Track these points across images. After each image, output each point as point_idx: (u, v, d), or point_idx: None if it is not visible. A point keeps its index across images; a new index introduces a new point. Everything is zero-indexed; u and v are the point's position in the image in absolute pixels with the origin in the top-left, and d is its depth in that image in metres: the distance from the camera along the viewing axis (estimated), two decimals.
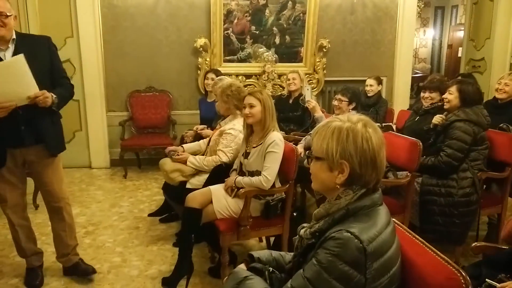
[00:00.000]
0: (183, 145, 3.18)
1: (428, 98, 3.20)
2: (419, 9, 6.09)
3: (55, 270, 2.66)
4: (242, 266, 1.44)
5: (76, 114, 4.87)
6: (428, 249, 1.25)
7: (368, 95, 4.34)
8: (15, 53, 2.21)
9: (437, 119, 2.90)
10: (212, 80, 3.99)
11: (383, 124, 3.70)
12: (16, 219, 2.43)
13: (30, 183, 2.65)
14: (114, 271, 2.66)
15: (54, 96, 2.26)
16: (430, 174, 2.74)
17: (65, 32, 4.68)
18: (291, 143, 2.69)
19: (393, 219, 1.28)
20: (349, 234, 1.08)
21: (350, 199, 1.18)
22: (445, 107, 2.86)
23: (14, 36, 2.25)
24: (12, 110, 2.13)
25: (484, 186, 2.82)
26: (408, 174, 2.66)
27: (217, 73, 4.13)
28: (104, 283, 2.53)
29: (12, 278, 2.57)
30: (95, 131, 4.91)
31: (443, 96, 2.87)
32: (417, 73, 9.16)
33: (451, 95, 2.79)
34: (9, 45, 2.23)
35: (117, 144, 4.76)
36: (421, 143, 2.61)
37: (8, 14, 2.16)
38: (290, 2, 4.98)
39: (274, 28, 5.04)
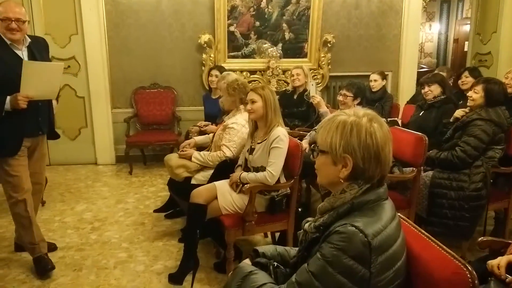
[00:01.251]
0: (195, 138, 3.20)
1: (428, 92, 3.20)
2: (424, 3, 6.02)
3: (61, 265, 2.69)
4: (247, 261, 1.44)
5: (81, 111, 4.90)
6: (434, 244, 1.24)
7: (373, 90, 4.32)
8: (29, 53, 2.50)
9: (459, 112, 2.89)
10: (216, 77, 3.99)
11: (389, 119, 3.68)
12: (30, 204, 2.57)
13: None
14: (120, 267, 2.68)
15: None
16: (442, 168, 2.73)
17: (70, 29, 4.70)
18: (296, 139, 2.68)
19: (398, 213, 1.28)
20: (354, 228, 1.08)
21: (355, 193, 1.18)
22: (468, 104, 2.84)
23: (29, 39, 2.52)
24: (34, 102, 2.41)
25: (491, 180, 2.81)
26: (414, 169, 2.65)
27: (221, 69, 4.12)
28: (110, 278, 2.55)
29: (19, 274, 2.59)
30: (100, 127, 4.93)
31: (468, 94, 2.85)
32: (422, 67, 9.08)
33: (477, 94, 2.77)
34: (24, 47, 2.50)
35: (122, 140, 4.78)
36: (426, 138, 2.59)
37: (24, 20, 2.41)
38: None
39: (278, 24, 5.02)
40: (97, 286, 2.47)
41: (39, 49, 2.58)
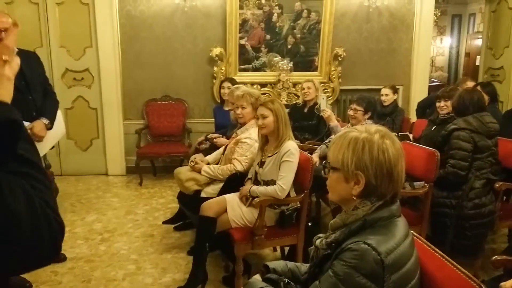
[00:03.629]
0: (208, 157, 3.16)
1: (443, 106, 3.18)
2: (435, 18, 6.04)
3: (70, 276, 2.69)
4: (257, 277, 1.43)
5: (93, 122, 4.96)
6: (447, 263, 1.22)
7: (384, 104, 4.30)
8: None
9: None
10: (228, 88, 4.02)
11: (400, 133, 3.65)
12: None
13: None
14: (129, 279, 2.68)
15: (47, 122, 2.60)
16: (441, 186, 2.70)
17: (85, 42, 4.79)
18: (306, 152, 2.68)
19: (411, 231, 1.26)
20: (366, 245, 1.07)
21: (368, 210, 1.17)
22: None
23: (16, 49, 2.38)
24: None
25: (504, 197, 2.76)
26: (425, 184, 2.62)
27: (233, 81, 4.15)
28: None
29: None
30: (112, 138, 4.98)
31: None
32: (434, 81, 9.04)
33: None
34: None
35: (133, 152, 4.81)
36: (438, 153, 2.57)
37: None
38: (305, 11, 4.99)
39: (289, 37, 5.06)
40: None
41: (28, 62, 2.56)
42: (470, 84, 3.81)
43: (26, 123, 2.44)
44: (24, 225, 0.67)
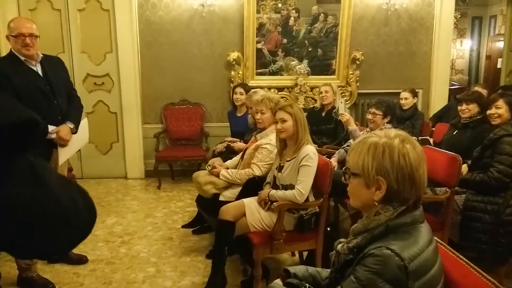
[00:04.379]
0: (227, 162, 3.18)
1: (465, 110, 3.11)
2: (455, 20, 5.94)
3: (91, 278, 2.74)
4: (278, 281, 1.43)
5: (113, 126, 5.04)
6: (472, 270, 1.20)
7: (403, 108, 4.25)
8: (42, 69, 2.57)
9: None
10: (241, 94, 4.03)
11: (420, 137, 3.60)
12: None
13: None
14: (149, 281, 2.71)
15: (73, 126, 2.65)
16: (477, 191, 2.64)
17: (105, 47, 4.88)
18: (324, 156, 2.67)
19: (435, 237, 1.24)
20: (390, 251, 1.06)
21: (390, 216, 1.16)
22: (494, 123, 2.76)
23: (41, 55, 2.58)
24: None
25: None
26: (448, 190, 2.57)
27: (245, 87, 4.15)
28: None
29: None
30: (131, 142, 5.05)
31: (490, 112, 2.77)
32: (454, 84, 8.89)
33: (500, 109, 2.70)
34: (37, 62, 2.56)
35: (152, 155, 4.87)
36: (460, 158, 2.52)
37: (36, 35, 2.49)
38: (322, 15, 4.98)
39: (306, 41, 5.06)
40: None
41: (51, 67, 2.64)
42: (480, 90, 3.72)
43: (51, 127, 2.50)
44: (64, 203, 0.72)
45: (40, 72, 2.55)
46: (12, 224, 0.67)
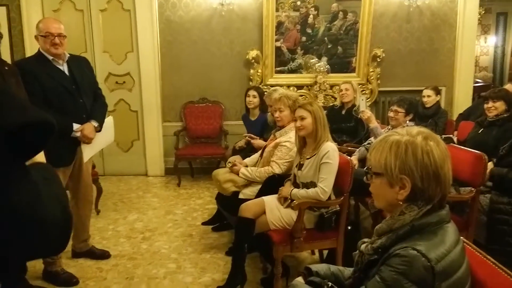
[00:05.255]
0: (246, 160, 3.18)
1: (492, 108, 3.03)
2: (479, 16, 5.78)
3: (114, 272, 2.79)
4: (300, 279, 1.43)
5: (134, 124, 5.12)
6: (500, 270, 1.17)
7: (426, 106, 4.18)
8: (69, 69, 2.62)
9: None
10: (254, 97, 4.01)
11: (443, 136, 3.53)
12: None
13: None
14: (170, 277, 2.74)
15: (97, 124, 2.70)
16: (502, 192, 2.57)
17: (126, 47, 4.95)
18: (345, 155, 2.65)
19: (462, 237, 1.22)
20: (416, 251, 1.04)
21: (415, 215, 1.14)
22: None
23: (68, 55, 2.64)
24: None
25: None
26: (472, 189, 2.51)
27: (259, 90, 4.13)
28: None
29: None
30: (151, 140, 5.12)
31: None
32: (478, 82, 8.67)
33: None
34: (64, 62, 2.61)
35: (172, 153, 4.92)
36: (486, 157, 2.46)
37: (64, 34, 2.55)
38: (341, 12, 4.93)
39: (325, 39, 5.01)
40: None
41: (77, 66, 2.69)
42: (508, 87, 3.62)
43: (76, 125, 2.56)
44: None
45: (66, 72, 2.61)
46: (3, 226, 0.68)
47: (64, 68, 2.61)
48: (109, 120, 2.91)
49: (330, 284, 1.34)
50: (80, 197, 2.88)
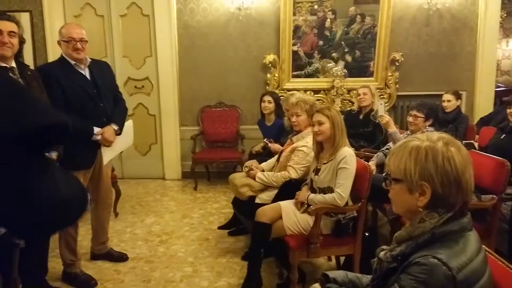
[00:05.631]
0: (262, 164, 3.18)
1: None
2: (501, 19, 5.66)
3: (132, 275, 2.82)
4: (316, 286, 1.41)
5: (152, 128, 5.18)
6: None
7: (446, 110, 4.10)
8: (90, 73, 2.67)
9: None
10: (270, 102, 4.00)
11: (464, 141, 3.46)
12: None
13: None
14: (186, 281, 2.75)
15: (117, 128, 2.73)
16: None
17: (145, 52, 5.03)
18: (362, 160, 2.62)
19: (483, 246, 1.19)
20: (436, 260, 1.02)
21: (436, 223, 1.12)
22: None
23: (89, 59, 2.68)
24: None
25: None
26: (494, 197, 2.45)
27: (274, 95, 4.13)
28: None
29: None
30: (169, 144, 5.17)
31: None
32: (499, 86, 8.48)
33: None
34: (86, 66, 2.66)
35: (189, 157, 4.96)
36: (509, 163, 2.40)
37: (86, 39, 2.60)
38: (358, 16, 4.90)
39: (342, 42, 4.98)
40: None
41: (99, 71, 2.74)
42: None
43: (97, 129, 2.60)
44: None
45: (88, 76, 2.66)
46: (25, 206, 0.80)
47: (86, 72, 2.66)
48: (128, 124, 2.96)
49: None
50: (100, 200, 2.92)
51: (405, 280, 1.04)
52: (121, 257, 3.02)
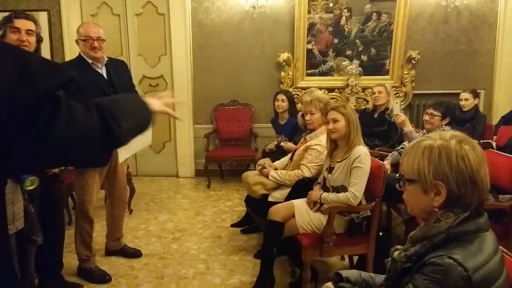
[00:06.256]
0: (275, 162, 3.17)
1: None
2: None
3: (145, 271, 2.85)
4: (329, 285, 1.40)
5: (166, 126, 5.22)
6: None
7: (463, 109, 4.02)
8: (107, 72, 2.69)
9: None
10: (283, 101, 3.98)
11: (481, 141, 3.39)
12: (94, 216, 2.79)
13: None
14: (199, 278, 2.77)
15: None
16: None
17: (160, 50, 5.07)
18: (377, 159, 2.59)
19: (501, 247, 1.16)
20: (452, 260, 1.00)
21: (452, 223, 1.09)
22: None
23: (106, 58, 2.71)
24: None
25: None
26: None
27: (287, 93, 4.10)
28: None
29: None
30: (182, 142, 5.20)
31: None
32: None
33: None
34: (103, 65, 2.69)
35: (202, 155, 4.98)
36: None
37: (103, 38, 2.62)
38: (374, 14, 4.84)
39: (357, 41, 4.94)
40: None
41: (116, 69, 2.76)
42: None
43: None
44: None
45: (104, 75, 2.69)
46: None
47: (103, 71, 2.69)
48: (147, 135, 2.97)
49: None
50: (115, 197, 2.96)
51: (419, 280, 1.02)
52: (135, 254, 3.05)
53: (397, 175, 1.22)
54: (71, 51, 4.77)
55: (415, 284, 1.03)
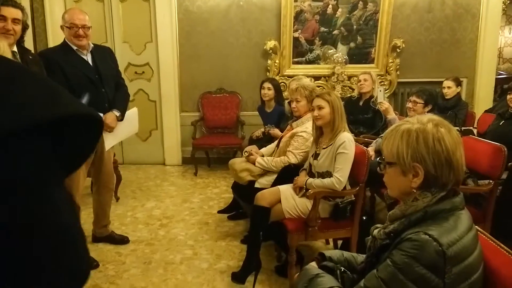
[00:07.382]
0: (262, 149, 3.20)
1: None
2: (504, 6, 5.61)
3: (133, 257, 2.87)
4: (313, 264, 1.45)
5: (152, 114, 5.19)
6: None
7: (446, 97, 4.11)
8: (92, 59, 2.67)
9: None
10: (269, 89, 4.00)
11: (463, 128, 3.47)
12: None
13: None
14: (186, 263, 2.80)
15: (119, 114, 2.75)
16: None
17: (145, 37, 5.01)
18: (362, 145, 2.64)
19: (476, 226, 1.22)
20: (427, 236, 1.05)
21: (429, 202, 1.15)
22: None
23: (92, 45, 2.69)
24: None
25: None
26: (491, 182, 2.48)
27: (273, 82, 4.12)
28: (177, 273, 2.68)
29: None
30: (169, 130, 5.18)
31: None
32: (501, 74, 8.45)
33: None
34: (88, 52, 2.67)
35: (189, 143, 4.98)
36: (506, 149, 2.42)
37: (88, 26, 2.59)
38: (361, 2, 4.87)
39: (342, 29, 4.96)
40: (165, 280, 2.61)
41: (101, 56, 2.75)
42: None
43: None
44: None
45: (90, 62, 2.67)
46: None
47: (88, 58, 2.67)
48: (133, 111, 2.97)
49: (342, 269, 1.36)
50: (101, 184, 2.96)
51: (396, 255, 1.08)
52: (122, 240, 3.07)
53: (378, 158, 1.26)
54: (54, 38, 4.68)
55: (392, 259, 1.08)
